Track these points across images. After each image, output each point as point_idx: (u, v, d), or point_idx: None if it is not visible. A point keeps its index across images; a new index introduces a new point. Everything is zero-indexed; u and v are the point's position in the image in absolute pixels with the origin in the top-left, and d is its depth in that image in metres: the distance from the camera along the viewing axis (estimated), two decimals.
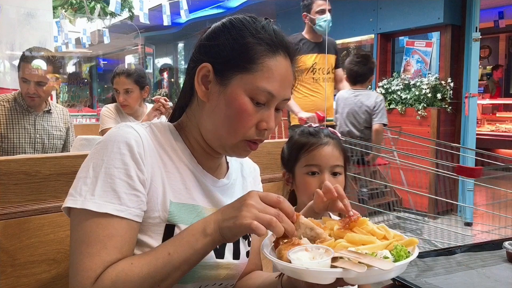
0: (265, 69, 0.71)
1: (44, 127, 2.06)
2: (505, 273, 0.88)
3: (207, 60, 0.74)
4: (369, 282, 0.59)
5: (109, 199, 0.66)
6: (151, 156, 0.73)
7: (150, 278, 0.63)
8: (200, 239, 0.64)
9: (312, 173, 0.98)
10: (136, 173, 0.69)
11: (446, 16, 4.13)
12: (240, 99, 0.71)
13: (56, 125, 2.12)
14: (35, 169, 0.88)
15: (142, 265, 0.64)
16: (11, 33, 3.27)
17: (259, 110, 0.73)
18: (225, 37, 0.73)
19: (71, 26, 6.77)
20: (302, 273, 0.59)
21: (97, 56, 11.38)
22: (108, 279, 0.63)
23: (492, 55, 7.94)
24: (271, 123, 0.74)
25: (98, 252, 0.64)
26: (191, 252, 0.64)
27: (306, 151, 0.99)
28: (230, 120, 0.72)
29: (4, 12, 3.22)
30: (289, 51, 0.75)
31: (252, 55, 0.71)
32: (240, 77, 0.71)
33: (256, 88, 0.71)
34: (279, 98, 0.73)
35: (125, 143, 0.69)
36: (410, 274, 0.86)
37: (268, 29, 0.74)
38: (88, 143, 1.58)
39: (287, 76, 0.74)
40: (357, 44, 5.76)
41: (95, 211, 0.65)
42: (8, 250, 0.84)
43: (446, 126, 4.26)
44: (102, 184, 0.67)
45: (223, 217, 0.65)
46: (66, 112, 2.21)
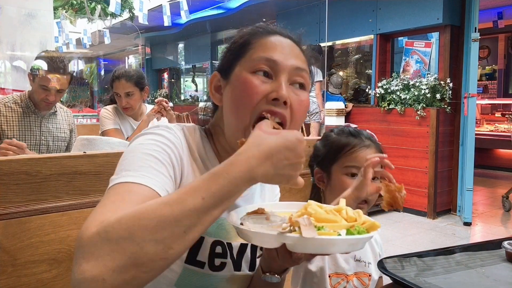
0: (258, 45, 0.71)
1: (49, 129, 2.06)
2: (504, 273, 0.89)
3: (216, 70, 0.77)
4: (308, 251, 0.58)
5: (145, 172, 0.60)
6: (187, 158, 0.72)
7: (174, 220, 0.49)
8: (243, 189, 0.54)
9: (352, 174, 0.95)
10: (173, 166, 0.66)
11: (445, 17, 4.13)
12: (241, 77, 0.70)
13: (60, 127, 2.13)
14: (36, 169, 0.88)
15: (159, 204, 0.51)
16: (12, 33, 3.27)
17: (267, 82, 0.69)
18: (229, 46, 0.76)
19: (72, 26, 6.78)
20: (248, 234, 0.60)
21: (98, 56, 11.38)
22: (114, 217, 0.50)
23: (491, 55, 7.95)
24: (280, 91, 0.67)
25: (113, 202, 0.56)
26: (227, 203, 0.53)
27: (348, 151, 0.96)
28: (238, 99, 0.69)
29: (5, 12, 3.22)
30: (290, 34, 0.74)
31: (247, 42, 0.72)
32: (239, 64, 0.72)
33: (253, 60, 0.70)
34: (284, 65, 0.69)
35: (168, 140, 0.69)
36: (410, 274, 0.86)
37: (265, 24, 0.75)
38: (89, 143, 1.58)
39: (287, 46, 0.71)
40: (356, 44, 5.77)
41: (127, 182, 0.59)
42: (9, 250, 0.85)
43: (445, 126, 4.27)
44: (140, 161, 0.62)
45: (276, 171, 0.54)
46: (70, 114, 2.22)
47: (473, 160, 3.95)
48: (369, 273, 0.99)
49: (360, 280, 0.97)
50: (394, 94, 4.45)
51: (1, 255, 0.84)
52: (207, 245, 0.73)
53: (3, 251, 0.84)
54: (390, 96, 4.49)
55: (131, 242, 0.48)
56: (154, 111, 2.19)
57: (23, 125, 1.98)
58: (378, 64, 4.79)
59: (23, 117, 1.99)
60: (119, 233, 0.48)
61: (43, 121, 2.04)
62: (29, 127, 1.99)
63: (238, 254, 0.78)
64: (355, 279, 0.97)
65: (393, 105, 4.48)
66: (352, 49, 5.86)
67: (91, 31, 7.15)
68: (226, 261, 0.75)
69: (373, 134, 1.03)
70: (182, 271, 0.70)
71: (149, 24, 5.77)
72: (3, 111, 1.95)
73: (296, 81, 0.71)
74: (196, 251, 0.71)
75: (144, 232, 0.48)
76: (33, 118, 2.01)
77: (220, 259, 0.74)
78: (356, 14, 4.95)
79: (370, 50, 5.24)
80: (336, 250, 0.60)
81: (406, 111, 4.38)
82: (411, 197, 4.42)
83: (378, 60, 4.79)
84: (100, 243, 0.48)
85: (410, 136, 4.37)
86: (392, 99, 4.48)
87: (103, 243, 0.48)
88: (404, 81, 4.40)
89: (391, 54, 4.88)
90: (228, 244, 0.76)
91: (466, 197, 3.92)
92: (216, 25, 7.50)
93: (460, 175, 4.20)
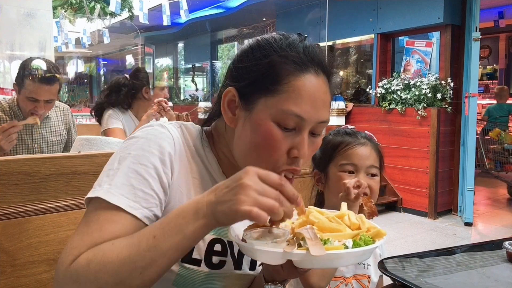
0: (291, 89, 0.65)
1: (42, 135, 1.94)
2: (505, 273, 0.88)
3: (232, 84, 0.70)
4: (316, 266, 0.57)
5: (125, 193, 0.62)
6: (181, 160, 0.70)
7: (131, 262, 0.55)
8: (191, 223, 0.56)
9: (348, 172, 0.95)
10: (160, 175, 0.66)
11: (446, 16, 4.13)
12: (265, 124, 0.65)
13: (55, 130, 2.01)
14: (35, 169, 0.88)
15: (123, 246, 0.57)
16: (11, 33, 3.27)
17: (289, 136, 0.66)
18: (249, 59, 0.69)
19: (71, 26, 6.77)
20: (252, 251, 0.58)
21: (97, 56, 11.38)
22: (84, 258, 0.57)
23: (492, 55, 7.94)
24: (302, 150, 0.66)
25: (91, 232, 0.60)
26: (180, 237, 0.56)
27: (342, 149, 0.96)
28: (257, 148, 0.66)
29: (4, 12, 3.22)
30: (323, 67, 0.68)
31: (276, 75, 0.65)
32: (264, 100, 0.66)
33: (282, 112, 0.64)
34: (312, 121, 0.66)
35: (157, 143, 0.67)
36: (410, 274, 0.86)
37: (296, 45, 0.68)
38: (88, 143, 1.58)
39: (319, 96, 0.66)
40: (357, 44, 5.76)
41: (107, 201, 0.61)
42: (8, 250, 0.84)
43: (446, 126, 4.26)
44: (122, 177, 0.63)
45: (217, 199, 0.56)
46: (67, 111, 2.10)
47: (474, 160, 3.94)
48: (368, 275, 0.98)
49: (359, 282, 0.97)
50: (394, 94, 4.45)
51: (0, 255, 0.84)
52: (205, 242, 0.72)
53: (3, 251, 0.84)
54: (391, 96, 4.49)
55: (96, 286, 0.56)
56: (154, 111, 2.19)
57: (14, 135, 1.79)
58: (378, 63, 4.79)
59: None
60: (87, 276, 0.56)
61: (34, 128, 1.90)
62: (19, 136, 1.83)
63: (239, 253, 0.77)
64: (354, 281, 0.96)
65: (394, 105, 4.47)
66: (352, 49, 5.86)
67: (90, 30, 7.15)
68: (226, 260, 0.74)
69: (372, 135, 1.03)
70: (178, 270, 0.70)
71: (148, 23, 5.77)
72: None
73: (315, 132, 0.69)
74: (191, 249, 0.70)
75: (107, 276, 0.55)
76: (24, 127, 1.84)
77: (219, 257, 0.73)
78: (356, 14, 4.95)
79: (370, 50, 5.24)
80: (343, 263, 0.59)
81: (406, 111, 4.38)
82: (411, 197, 4.42)
83: (378, 60, 4.78)
84: (71, 283, 0.57)
85: (410, 136, 4.37)
86: (392, 99, 4.48)
87: (73, 284, 0.57)
88: (405, 80, 4.40)
89: (392, 54, 4.88)
90: (229, 243, 0.75)
91: (467, 197, 3.91)
92: (215, 24, 7.50)
93: (461, 175, 4.20)
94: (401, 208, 4.52)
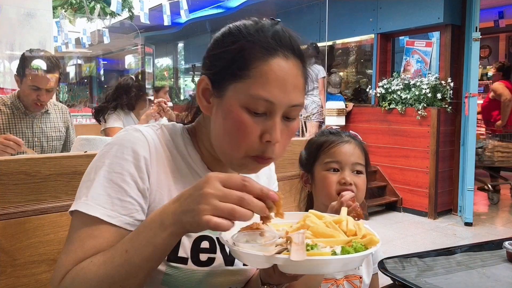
0: (259, 74, 0.64)
1: (42, 130, 1.98)
2: (505, 273, 0.88)
3: (205, 72, 0.70)
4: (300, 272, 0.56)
5: (102, 203, 0.64)
6: (158, 163, 0.70)
7: (108, 277, 0.58)
8: (159, 234, 0.57)
9: (333, 170, 0.95)
10: (136, 181, 0.66)
11: (446, 16, 4.13)
12: (235, 110, 0.65)
13: (55, 126, 2.05)
14: (35, 169, 0.88)
15: (100, 263, 0.59)
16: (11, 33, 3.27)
17: (260, 120, 0.66)
18: (219, 46, 0.69)
19: (71, 26, 6.78)
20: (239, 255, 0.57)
21: (97, 56, 11.37)
22: (69, 277, 0.60)
23: (492, 55, 7.94)
24: (274, 134, 0.65)
25: (75, 250, 0.62)
26: (150, 249, 0.57)
27: (327, 148, 0.96)
28: (229, 134, 0.67)
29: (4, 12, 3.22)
30: (294, 50, 0.67)
31: (244, 60, 0.65)
32: (234, 86, 0.66)
33: (250, 97, 0.64)
34: (282, 105, 0.65)
35: (130, 149, 0.67)
36: (410, 274, 0.86)
37: (265, 30, 0.67)
38: (88, 143, 1.58)
39: (288, 79, 0.65)
40: (357, 44, 5.76)
41: (85, 213, 0.63)
42: (8, 250, 0.84)
43: (446, 126, 4.26)
44: (98, 187, 0.65)
45: (181, 208, 0.56)
46: (65, 110, 2.14)
47: (474, 160, 3.94)
48: (359, 275, 0.98)
49: (351, 283, 0.96)
50: (394, 93, 4.45)
51: (0, 255, 0.84)
52: (191, 239, 0.71)
53: (2, 251, 0.84)
54: (391, 95, 4.49)
55: None
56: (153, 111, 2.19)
57: (13, 127, 1.89)
58: (378, 63, 4.79)
59: (13, 118, 1.89)
60: None
61: (35, 122, 1.95)
62: (20, 129, 1.89)
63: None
64: (346, 282, 0.96)
65: (394, 105, 4.47)
66: (352, 49, 5.86)
67: (90, 30, 7.15)
68: (215, 256, 0.73)
69: (357, 134, 1.03)
70: (166, 269, 0.69)
71: (149, 23, 5.77)
72: None
73: (289, 116, 0.68)
74: (177, 247, 0.70)
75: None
76: (24, 119, 1.92)
77: (207, 254, 0.72)
78: (356, 14, 4.95)
79: (370, 50, 5.23)
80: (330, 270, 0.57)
81: (406, 111, 4.38)
82: (411, 197, 4.42)
83: (378, 60, 4.78)
84: None
85: (410, 136, 4.37)
86: (392, 99, 4.48)
87: None
88: (405, 80, 4.40)
89: (392, 54, 4.88)
90: (218, 239, 0.74)
91: (467, 197, 3.91)
92: (216, 24, 7.49)
93: (461, 175, 4.20)
94: (401, 208, 4.51)
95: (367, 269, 1.00)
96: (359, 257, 0.56)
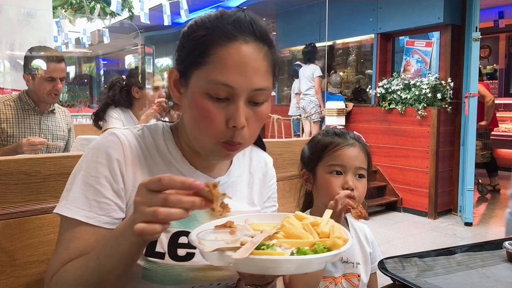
0: (217, 60, 0.65)
1: (48, 127, 2.08)
2: (505, 273, 0.88)
3: (175, 65, 0.73)
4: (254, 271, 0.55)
5: (80, 205, 0.68)
6: (134, 163, 0.72)
7: (83, 281, 0.63)
8: (122, 243, 0.60)
9: (336, 173, 0.95)
10: (110, 183, 0.69)
11: (446, 16, 4.13)
12: (197, 97, 0.67)
13: (59, 125, 2.14)
14: (35, 169, 0.88)
15: (77, 267, 0.64)
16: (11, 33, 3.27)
17: (224, 106, 0.66)
18: (183, 38, 0.71)
19: (71, 26, 6.78)
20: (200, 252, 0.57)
21: (97, 56, 11.38)
22: (55, 278, 0.66)
23: (492, 55, 7.94)
24: (238, 119, 0.65)
25: (61, 252, 0.67)
26: (118, 257, 0.60)
27: (331, 150, 0.96)
28: (196, 122, 0.68)
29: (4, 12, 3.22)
30: (255, 34, 0.67)
31: (204, 48, 0.66)
32: (196, 74, 0.67)
33: (210, 82, 0.65)
34: (244, 89, 0.65)
35: (104, 152, 0.70)
36: (410, 274, 0.86)
37: (226, 18, 0.68)
38: (88, 143, 1.58)
39: (248, 63, 0.65)
40: (357, 44, 5.76)
41: (66, 216, 0.68)
42: (8, 250, 0.84)
43: (446, 126, 4.26)
44: (76, 191, 0.69)
45: (134, 216, 0.57)
46: (67, 113, 2.24)
47: (474, 160, 3.94)
48: (358, 274, 0.98)
49: (349, 281, 0.97)
50: (394, 93, 4.45)
51: (0, 255, 0.84)
52: (168, 235, 0.72)
53: (2, 251, 0.84)
54: (391, 95, 4.49)
55: None
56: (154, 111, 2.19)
57: (22, 123, 2.00)
58: (378, 63, 4.79)
59: (22, 115, 2.00)
60: None
61: (42, 119, 2.05)
62: (28, 125, 2.00)
63: None
64: (344, 280, 0.96)
65: (394, 105, 4.47)
66: (352, 49, 5.86)
67: (90, 30, 7.15)
68: (195, 252, 0.73)
69: (361, 136, 1.02)
70: (144, 264, 0.70)
71: (149, 23, 5.78)
72: (3, 110, 1.96)
73: (255, 101, 0.68)
74: (154, 242, 0.71)
75: None
76: (33, 116, 2.02)
77: (185, 250, 0.73)
78: (356, 14, 4.95)
79: (371, 50, 5.24)
80: (283, 271, 0.55)
81: (406, 111, 4.38)
82: (411, 197, 4.42)
83: (378, 60, 4.78)
84: None
85: (410, 136, 4.37)
86: (392, 99, 4.48)
87: None
88: (405, 80, 4.40)
89: (392, 54, 4.88)
90: None
91: (467, 197, 3.91)
92: None
93: (461, 175, 4.20)
94: (401, 208, 4.52)
95: (365, 268, 1.00)
96: (315, 259, 0.54)
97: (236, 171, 0.84)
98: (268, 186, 0.90)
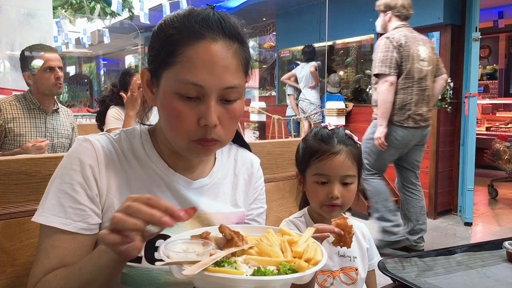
0: (185, 59, 0.65)
1: (53, 126, 2.12)
2: (505, 273, 0.89)
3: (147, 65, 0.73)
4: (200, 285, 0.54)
5: (56, 212, 0.69)
6: (108, 168, 0.72)
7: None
8: (102, 257, 0.61)
9: (322, 182, 0.95)
10: (84, 189, 0.70)
11: (446, 16, 4.13)
12: (168, 97, 0.67)
13: (64, 124, 2.18)
14: (35, 169, 0.88)
15: (60, 278, 0.65)
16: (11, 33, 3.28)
17: (195, 105, 0.66)
18: (153, 38, 0.71)
19: (71, 26, 6.79)
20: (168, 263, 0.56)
21: (97, 56, 11.38)
22: (38, 286, 0.66)
23: (492, 55, 7.94)
24: (209, 117, 0.65)
25: (42, 260, 0.68)
26: (96, 270, 0.62)
27: (317, 159, 0.96)
28: (168, 121, 0.69)
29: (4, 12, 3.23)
30: (224, 32, 0.67)
31: (172, 48, 0.66)
32: (165, 74, 0.67)
33: (179, 82, 0.65)
34: (213, 88, 0.65)
35: (77, 159, 0.71)
36: (410, 274, 0.86)
37: (194, 16, 0.67)
38: None
39: (217, 62, 0.65)
40: (357, 44, 5.76)
41: (44, 224, 0.69)
42: (8, 250, 0.84)
43: (446, 126, 4.26)
44: (52, 198, 0.69)
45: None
46: (70, 113, 2.29)
47: (474, 160, 3.94)
48: (355, 267, 0.98)
49: (347, 275, 0.97)
50: None
51: (0, 255, 0.84)
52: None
53: (3, 251, 0.84)
54: None
55: None
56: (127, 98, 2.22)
57: (29, 122, 2.03)
58: None
59: (28, 114, 2.04)
60: None
61: (47, 118, 2.10)
62: (34, 123, 2.04)
63: None
64: (342, 274, 0.96)
65: None
66: (352, 49, 5.86)
67: (90, 30, 7.15)
68: None
69: (352, 135, 1.00)
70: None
71: (150, 23, 5.78)
72: (9, 110, 1.99)
73: (227, 99, 0.68)
74: None
75: None
76: (38, 115, 2.06)
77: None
78: (356, 14, 4.95)
79: (370, 50, 5.23)
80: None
81: None
82: None
83: None
84: None
85: None
86: None
87: None
88: None
89: None
90: None
91: (467, 197, 3.91)
92: None
93: (461, 175, 4.20)
94: None
95: (362, 262, 1.00)
96: (272, 281, 0.52)
97: (219, 172, 0.83)
98: (254, 187, 0.88)
